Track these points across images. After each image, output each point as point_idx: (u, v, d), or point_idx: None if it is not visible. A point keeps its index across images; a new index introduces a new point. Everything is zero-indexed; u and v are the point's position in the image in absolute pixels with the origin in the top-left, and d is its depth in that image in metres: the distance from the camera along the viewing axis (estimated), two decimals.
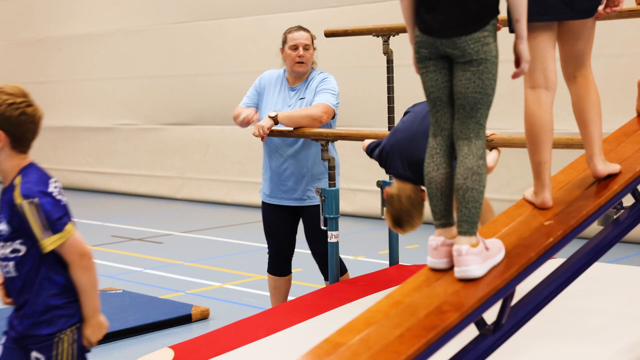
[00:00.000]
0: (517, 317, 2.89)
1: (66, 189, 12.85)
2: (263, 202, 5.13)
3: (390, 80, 5.21)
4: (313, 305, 4.47)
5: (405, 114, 4.22)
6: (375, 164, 4.22)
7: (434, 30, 2.73)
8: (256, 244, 8.33)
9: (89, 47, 12.61)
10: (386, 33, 5.13)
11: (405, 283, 2.76)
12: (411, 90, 8.27)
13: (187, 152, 11.52)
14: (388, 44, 5.15)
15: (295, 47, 4.99)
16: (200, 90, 11.30)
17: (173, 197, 11.68)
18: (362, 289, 4.70)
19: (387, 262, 6.60)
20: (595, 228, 3.33)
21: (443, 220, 2.80)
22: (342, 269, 5.02)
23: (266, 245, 5.26)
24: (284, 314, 4.39)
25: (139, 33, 11.97)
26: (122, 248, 8.35)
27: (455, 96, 2.74)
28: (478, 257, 2.69)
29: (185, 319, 5.58)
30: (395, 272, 5.09)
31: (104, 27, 12.38)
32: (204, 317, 5.67)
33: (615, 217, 3.49)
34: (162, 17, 11.70)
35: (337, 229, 4.84)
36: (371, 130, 4.92)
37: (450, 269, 2.78)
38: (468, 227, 2.71)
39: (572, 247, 3.46)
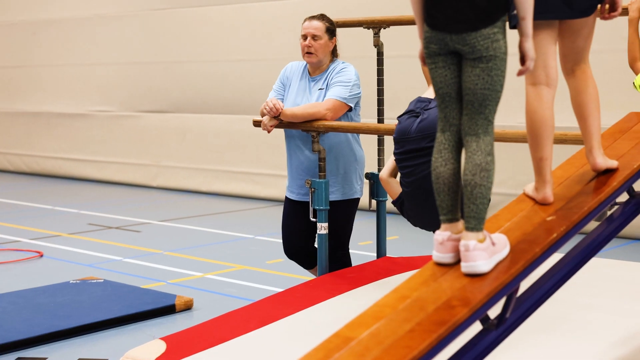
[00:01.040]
0: (520, 311, 2.90)
1: (40, 175, 12.85)
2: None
3: (380, 72, 5.20)
4: (303, 297, 4.47)
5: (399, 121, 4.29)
6: None
7: (442, 26, 2.73)
8: (236, 234, 8.32)
9: (65, 32, 12.48)
10: (377, 25, 5.12)
11: (412, 277, 2.76)
12: (399, 83, 8.32)
13: (163, 140, 11.45)
14: (379, 37, 5.14)
15: (305, 37, 4.91)
16: (178, 78, 11.23)
17: (148, 185, 11.61)
18: (351, 281, 4.70)
19: (368, 253, 6.66)
20: (591, 223, 3.36)
21: (450, 215, 2.81)
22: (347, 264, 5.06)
23: (250, 236, 5.25)
24: (275, 305, 4.38)
25: (116, 19, 11.86)
26: (99, 236, 8.28)
27: (464, 92, 2.74)
28: (485, 252, 2.69)
29: (169, 309, 5.55)
30: (383, 264, 5.10)
31: (81, 11, 12.25)
32: (188, 307, 5.65)
33: (609, 213, 3.52)
34: (141, 4, 11.60)
35: (326, 221, 4.84)
36: (362, 123, 4.91)
37: (455, 263, 2.78)
38: (475, 223, 2.72)
39: (568, 242, 3.48)
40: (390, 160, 4.55)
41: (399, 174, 4.50)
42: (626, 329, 3.88)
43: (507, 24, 2.78)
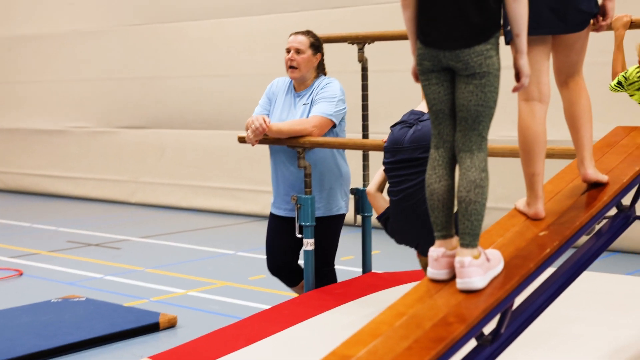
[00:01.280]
0: (514, 326, 2.90)
1: (17, 192, 12.72)
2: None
3: (365, 87, 5.21)
4: (290, 314, 4.45)
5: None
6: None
7: (436, 42, 2.73)
8: (217, 250, 8.28)
9: (41, 48, 12.40)
10: (361, 41, 5.13)
11: (407, 294, 2.75)
12: (384, 98, 8.32)
13: (141, 156, 11.39)
14: (363, 52, 5.15)
15: (288, 51, 4.91)
16: (156, 94, 11.19)
17: (126, 202, 11.53)
18: (338, 297, 4.69)
19: (351, 268, 6.66)
20: (581, 238, 3.37)
21: (444, 231, 2.80)
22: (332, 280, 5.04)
23: (230, 252, 5.24)
24: (261, 323, 4.36)
25: (93, 34, 11.81)
26: (79, 254, 8.21)
27: (458, 108, 2.75)
28: (480, 268, 2.69)
29: (152, 327, 5.50)
30: (369, 280, 5.09)
31: (57, 27, 12.18)
32: (172, 325, 5.60)
33: (597, 227, 3.54)
34: (118, 19, 11.56)
35: (312, 237, 4.82)
36: (348, 139, 4.91)
37: (450, 279, 2.78)
38: (470, 240, 2.72)
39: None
40: (377, 174, 4.54)
41: (385, 188, 4.49)
42: (614, 340, 3.90)
43: (501, 40, 2.79)
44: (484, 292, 2.68)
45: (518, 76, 2.79)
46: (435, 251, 2.79)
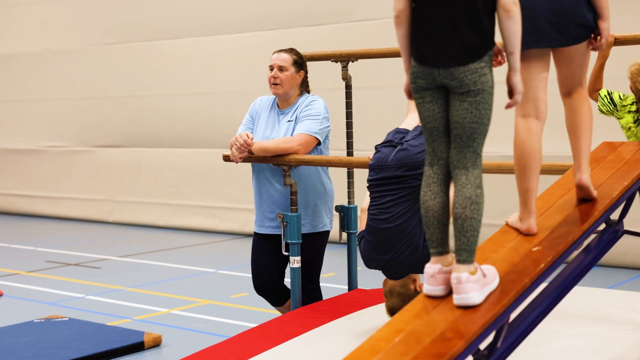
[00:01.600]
0: (509, 341, 2.93)
1: None
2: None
3: (349, 105, 5.24)
4: (279, 332, 4.44)
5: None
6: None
7: (431, 61, 2.75)
8: (197, 268, 8.25)
9: (16, 67, 12.33)
10: (345, 59, 5.16)
11: (403, 311, 2.77)
12: (368, 115, 8.36)
13: (119, 175, 11.35)
14: (347, 70, 5.18)
15: (271, 68, 4.93)
16: (133, 112, 11.16)
17: (104, 221, 11.48)
18: (325, 314, 4.69)
19: (333, 285, 6.67)
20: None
21: (440, 248, 2.83)
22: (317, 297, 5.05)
23: (211, 270, 5.24)
24: (251, 340, 4.35)
25: (68, 53, 11.77)
26: (59, 274, 8.15)
27: (452, 126, 2.77)
28: (477, 284, 2.72)
29: (137, 347, 5.48)
30: (356, 296, 5.10)
31: (32, 47, 12.13)
32: (157, 344, 5.58)
33: (586, 242, 3.58)
34: (93, 38, 11.53)
35: (299, 254, 4.83)
36: (335, 156, 4.94)
37: (446, 296, 2.80)
38: (467, 256, 2.74)
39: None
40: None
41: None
42: (594, 351, 3.93)
43: (503, 62, 2.83)
44: (481, 308, 2.71)
45: (511, 93, 2.83)
46: (431, 268, 2.81)
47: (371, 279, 7.00)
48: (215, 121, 10.25)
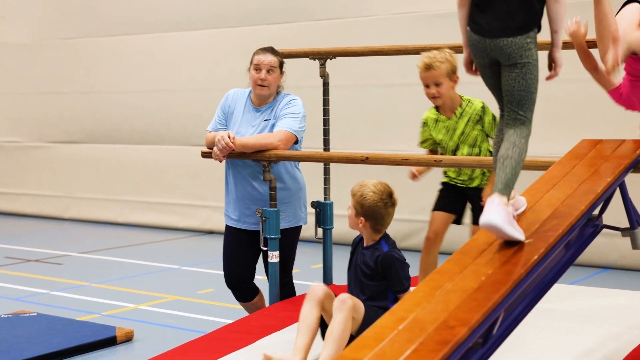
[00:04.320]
0: (501, 330, 3.01)
1: None
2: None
3: (326, 102, 5.29)
4: (261, 326, 4.47)
5: None
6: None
7: (483, 31, 3.19)
8: (161, 265, 8.23)
9: None
10: (323, 57, 5.21)
11: (404, 299, 2.83)
12: (343, 112, 8.39)
13: (76, 171, 11.24)
14: (324, 67, 5.23)
15: (258, 69, 4.94)
16: (91, 108, 11.07)
17: (60, 217, 11.36)
18: None
19: (301, 282, 6.70)
20: None
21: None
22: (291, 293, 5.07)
23: (175, 266, 5.24)
24: (233, 334, 4.37)
25: (25, 48, 11.63)
26: (21, 270, 8.07)
27: (504, 93, 3.24)
28: (506, 213, 3.06)
29: (110, 341, 5.46)
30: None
31: None
32: (129, 338, 5.56)
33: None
34: (50, 33, 11.40)
35: (277, 249, 4.87)
36: (310, 151, 4.98)
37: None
38: (502, 187, 3.13)
39: None
40: None
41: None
42: (580, 345, 4.04)
43: None
44: (481, 296, 2.78)
45: (552, 66, 3.30)
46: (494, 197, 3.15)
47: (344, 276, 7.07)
48: (176, 118, 10.22)
